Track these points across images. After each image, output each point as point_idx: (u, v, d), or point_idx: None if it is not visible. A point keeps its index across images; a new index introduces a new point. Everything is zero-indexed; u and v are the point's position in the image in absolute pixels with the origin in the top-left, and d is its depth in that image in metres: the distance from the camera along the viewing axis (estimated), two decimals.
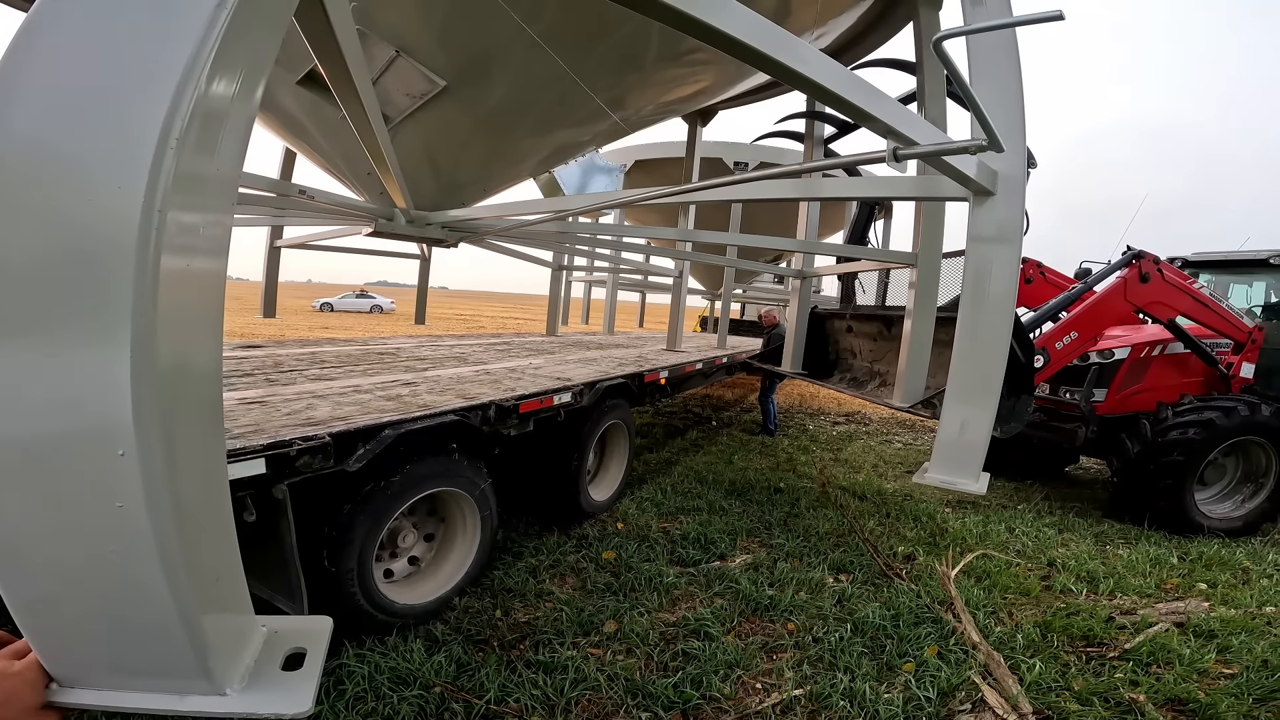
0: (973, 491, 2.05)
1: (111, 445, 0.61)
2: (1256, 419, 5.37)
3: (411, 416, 2.80)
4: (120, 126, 0.62)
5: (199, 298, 0.72)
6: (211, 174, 0.70)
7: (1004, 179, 2.06)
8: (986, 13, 2.06)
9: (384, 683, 2.58)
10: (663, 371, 5.46)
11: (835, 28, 4.11)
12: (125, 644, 0.75)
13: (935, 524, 5.09)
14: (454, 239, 4.36)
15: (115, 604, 0.72)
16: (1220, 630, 3.45)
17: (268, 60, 0.78)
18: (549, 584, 3.59)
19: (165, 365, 0.64)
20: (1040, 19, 1.10)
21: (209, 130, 0.67)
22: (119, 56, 0.64)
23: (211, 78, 0.65)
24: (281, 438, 2.23)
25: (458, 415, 3.04)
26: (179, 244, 0.64)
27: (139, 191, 0.60)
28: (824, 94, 1.54)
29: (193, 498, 0.72)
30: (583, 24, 3.07)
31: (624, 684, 2.73)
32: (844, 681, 2.83)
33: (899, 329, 4.08)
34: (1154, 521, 5.41)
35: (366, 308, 34.97)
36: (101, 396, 0.61)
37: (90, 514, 0.65)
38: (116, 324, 0.60)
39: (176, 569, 0.67)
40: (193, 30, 0.63)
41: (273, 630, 0.87)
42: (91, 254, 0.60)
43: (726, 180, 2.78)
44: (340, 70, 1.72)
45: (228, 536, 0.81)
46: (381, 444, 2.59)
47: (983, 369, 2.13)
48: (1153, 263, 5.47)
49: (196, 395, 0.73)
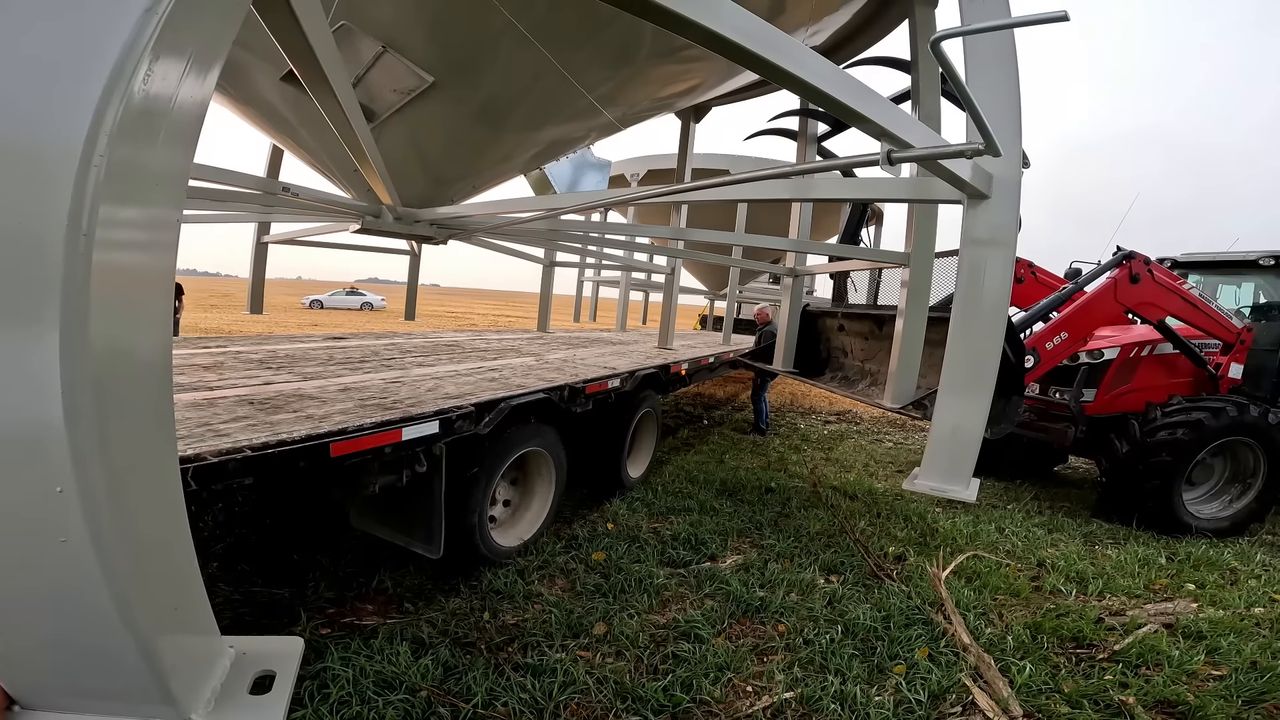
0: (963, 499, 2.04)
1: (49, 482, 0.57)
2: (1244, 420, 5.40)
3: (518, 393, 3.51)
4: (52, 115, 0.57)
5: (140, 296, 0.67)
6: (153, 165, 0.66)
7: (999, 182, 2.04)
8: (985, 12, 2.03)
9: (369, 687, 2.54)
10: (684, 364, 6.32)
11: (829, 25, 4.08)
12: (83, 668, 0.72)
13: (925, 524, 5.09)
14: (443, 236, 4.31)
15: (69, 630, 0.68)
16: (1209, 631, 3.47)
17: (220, 48, 0.73)
18: (538, 585, 3.55)
19: (101, 377, 0.60)
20: (1044, 19, 1.07)
21: (150, 120, 0.63)
22: (53, 39, 0.59)
23: (153, 64, 0.61)
24: (444, 405, 2.99)
25: (545, 394, 3.74)
26: (113, 238, 0.60)
27: (68, 184, 0.55)
28: (817, 95, 1.51)
29: (145, 520, 0.68)
30: (573, 19, 3.02)
31: (613, 687, 2.70)
32: (835, 684, 2.81)
33: (890, 328, 4.06)
34: (1142, 522, 5.43)
35: (357, 305, 34.72)
36: (34, 428, 0.57)
37: (32, 549, 0.61)
38: (45, 328, 0.55)
39: (128, 596, 0.63)
40: (130, 12, 0.59)
41: (240, 652, 0.84)
42: (19, 251, 0.56)
43: (719, 181, 2.75)
44: (313, 67, 1.66)
45: (185, 555, 0.77)
46: (501, 414, 3.30)
47: (975, 373, 2.11)
48: (1143, 263, 5.48)
49: (141, 405, 0.69)
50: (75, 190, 0.56)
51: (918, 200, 3.08)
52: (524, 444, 3.80)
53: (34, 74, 0.58)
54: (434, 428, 2.81)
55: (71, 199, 0.55)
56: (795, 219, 5.38)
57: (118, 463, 0.63)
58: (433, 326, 21.12)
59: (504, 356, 5.30)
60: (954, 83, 1.29)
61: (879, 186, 2.80)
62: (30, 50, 0.58)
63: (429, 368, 4.27)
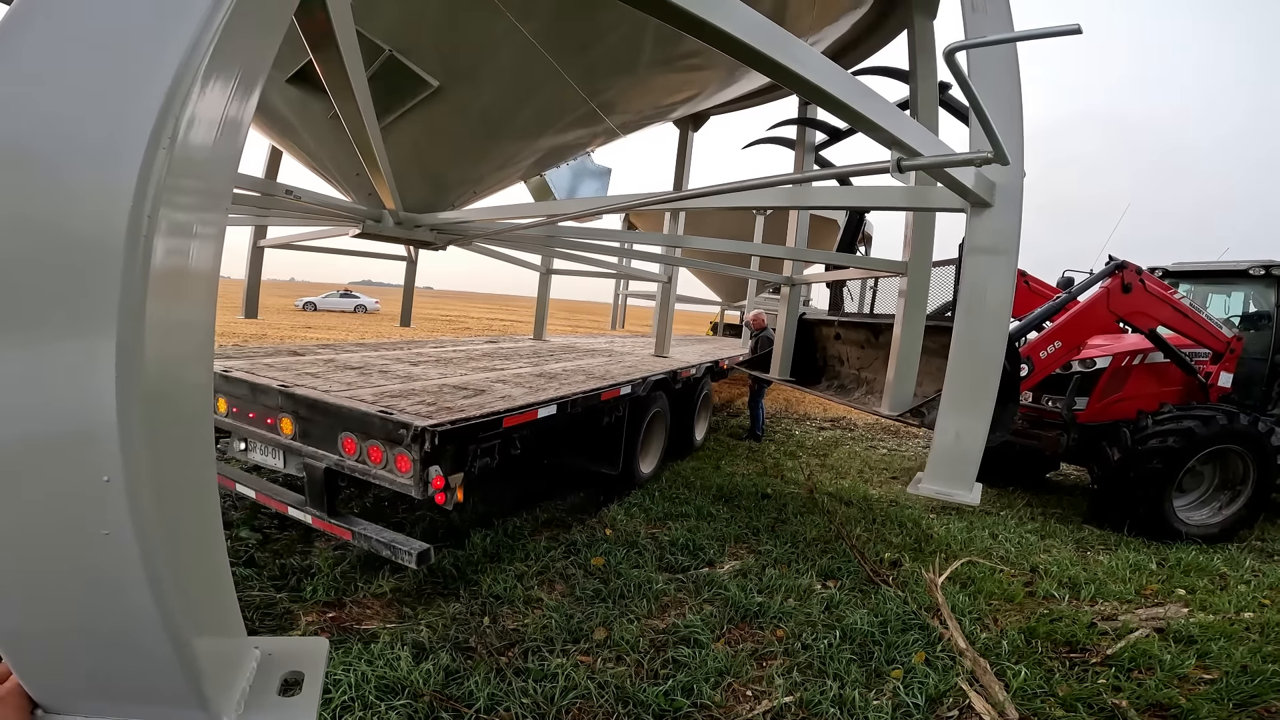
0: (967, 502, 2.06)
1: (96, 469, 0.58)
2: (1234, 427, 5.47)
3: (649, 375, 5.45)
4: (111, 125, 0.59)
5: (190, 303, 0.68)
6: (205, 174, 0.67)
7: (1002, 190, 2.07)
8: (987, 20, 2.06)
9: (371, 692, 2.54)
10: (726, 359, 7.89)
11: (830, 34, 4.12)
12: (114, 670, 0.72)
13: (920, 530, 5.13)
14: (443, 241, 4.32)
15: (102, 630, 0.68)
16: (1199, 636, 3.51)
17: (266, 60, 0.74)
18: (537, 590, 3.56)
19: (154, 378, 0.61)
20: (1057, 33, 1.10)
21: (203, 130, 0.64)
22: (112, 53, 0.60)
23: (208, 77, 0.62)
24: (634, 377, 5.15)
25: (663, 375, 5.74)
26: (168, 246, 0.61)
27: (129, 192, 0.57)
28: (826, 98, 1.52)
29: (184, 519, 0.69)
30: (577, 26, 3.04)
31: (614, 692, 2.71)
32: (833, 688, 2.83)
33: (886, 336, 4.09)
34: (1134, 528, 5.49)
35: (350, 307, 34.54)
36: (85, 414, 0.57)
37: (73, 541, 0.61)
38: (102, 333, 0.56)
39: (168, 596, 0.64)
40: (189, 28, 0.60)
41: (266, 653, 0.84)
42: (77, 258, 0.57)
43: (717, 188, 2.76)
44: (337, 69, 1.68)
45: (219, 555, 0.78)
46: (646, 387, 5.27)
47: (978, 380, 2.14)
48: (1135, 273, 5.55)
49: (187, 408, 0.70)
50: (136, 196, 0.57)
51: (918, 209, 3.11)
52: (654, 405, 5.66)
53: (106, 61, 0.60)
54: (629, 389, 4.89)
55: (132, 204, 0.57)
56: (793, 227, 5.42)
57: (163, 455, 0.64)
58: (426, 331, 21.10)
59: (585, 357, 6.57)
60: (966, 92, 1.31)
61: (878, 195, 2.83)
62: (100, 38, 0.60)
63: (557, 364, 5.74)
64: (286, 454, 3.60)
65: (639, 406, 5.27)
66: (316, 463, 3.30)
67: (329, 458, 3.27)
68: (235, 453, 3.94)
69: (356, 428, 3.17)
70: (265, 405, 3.53)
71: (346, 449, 3.20)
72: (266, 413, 3.52)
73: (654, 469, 5.97)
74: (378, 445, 3.10)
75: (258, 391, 3.58)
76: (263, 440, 3.65)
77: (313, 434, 3.34)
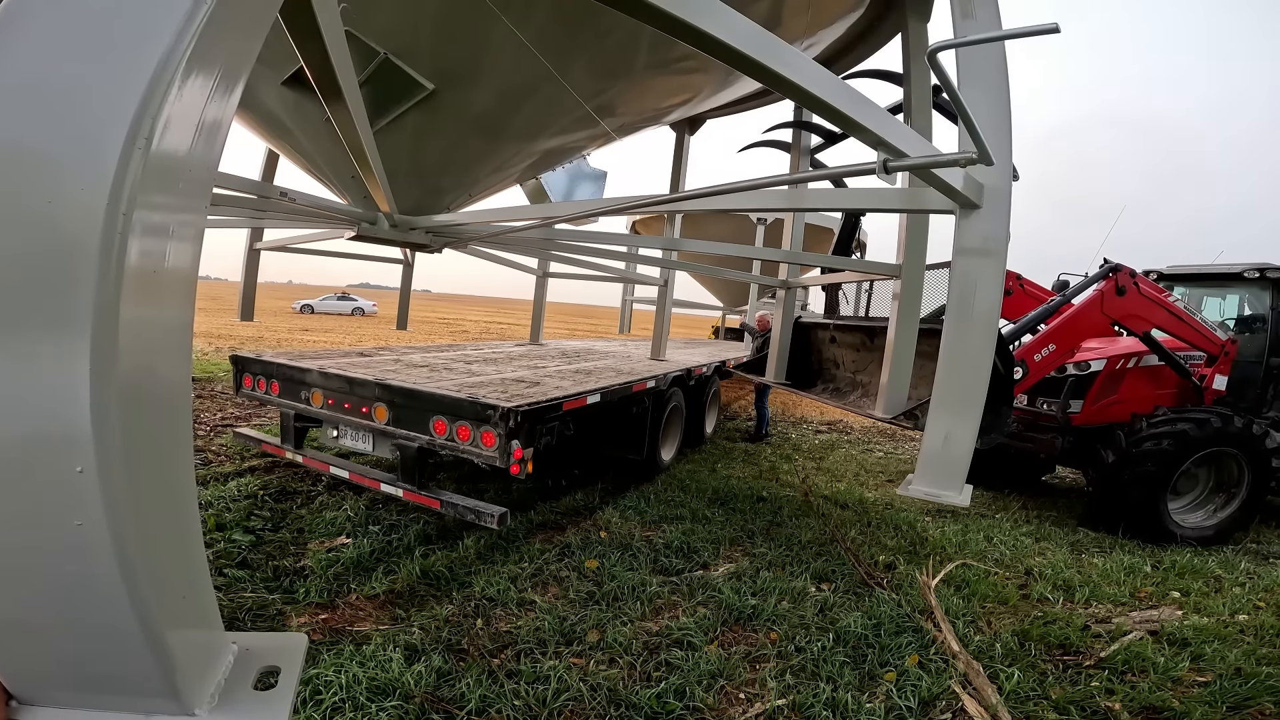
0: (956, 504, 2.06)
1: (69, 460, 0.58)
2: (1229, 430, 5.48)
3: (672, 371, 6.04)
4: (87, 126, 0.59)
5: (166, 301, 0.69)
6: (183, 175, 0.68)
7: (990, 192, 2.08)
8: (978, 25, 2.07)
9: (362, 693, 2.53)
10: (730, 360, 8.27)
11: (824, 39, 4.13)
12: (87, 662, 0.72)
13: (915, 533, 5.13)
14: (438, 244, 4.32)
15: (76, 621, 0.68)
16: (1193, 638, 3.51)
17: (248, 61, 0.75)
18: (530, 593, 3.55)
19: (128, 373, 0.61)
20: (1035, 32, 1.11)
21: (181, 131, 0.65)
22: (89, 52, 0.61)
23: (186, 78, 0.63)
24: (672, 371, 6.03)
25: (680, 372, 6.27)
26: (144, 246, 0.62)
27: (104, 193, 0.57)
28: (814, 102, 1.54)
29: (159, 511, 0.69)
30: (572, 30, 3.06)
31: (607, 694, 2.70)
32: (826, 691, 2.83)
33: (881, 340, 4.10)
34: (1128, 530, 5.49)
35: (348, 310, 34.54)
36: (58, 406, 0.58)
37: (46, 532, 0.61)
38: (76, 329, 0.57)
39: (141, 587, 0.64)
40: (167, 29, 0.61)
41: (244, 648, 0.84)
42: (53, 256, 0.58)
43: (713, 190, 2.77)
44: (326, 71, 1.68)
45: (195, 550, 0.78)
46: (666, 381, 5.79)
47: (967, 382, 2.14)
48: (1129, 276, 5.57)
49: (164, 404, 0.70)
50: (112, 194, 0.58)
51: (910, 210, 3.12)
52: (672, 399, 6.16)
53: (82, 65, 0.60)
54: (653, 383, 5.50)
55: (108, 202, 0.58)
56: (788, 230, 5.43)
57: (138, 449, 0.64)
58: (424, 334, 21.08)
59: (604, 359, 7.05)
60: (949, 91, 1.32)
61: (871, 196, 2.84)
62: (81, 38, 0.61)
63: (601, 361, 6.52)
64: (376, 438, 4.13)
65: (660, 400, 5.86)
66: (409, 443, 3.83)
67: (420, 438, 3.78)
68: (328, 440, 4.57)
69: (448, 411, 3.70)
70: (360, 396, 4.07)
71: (437, 430, 3.72)
72: (361, 402, 4.05)
73: (673, 456, 6.66)
74: (466, 425, 3.63)
75: (354, 384, 4.10)
76: (354, 427, 4.21)
77: (405, 419, 3.87)
